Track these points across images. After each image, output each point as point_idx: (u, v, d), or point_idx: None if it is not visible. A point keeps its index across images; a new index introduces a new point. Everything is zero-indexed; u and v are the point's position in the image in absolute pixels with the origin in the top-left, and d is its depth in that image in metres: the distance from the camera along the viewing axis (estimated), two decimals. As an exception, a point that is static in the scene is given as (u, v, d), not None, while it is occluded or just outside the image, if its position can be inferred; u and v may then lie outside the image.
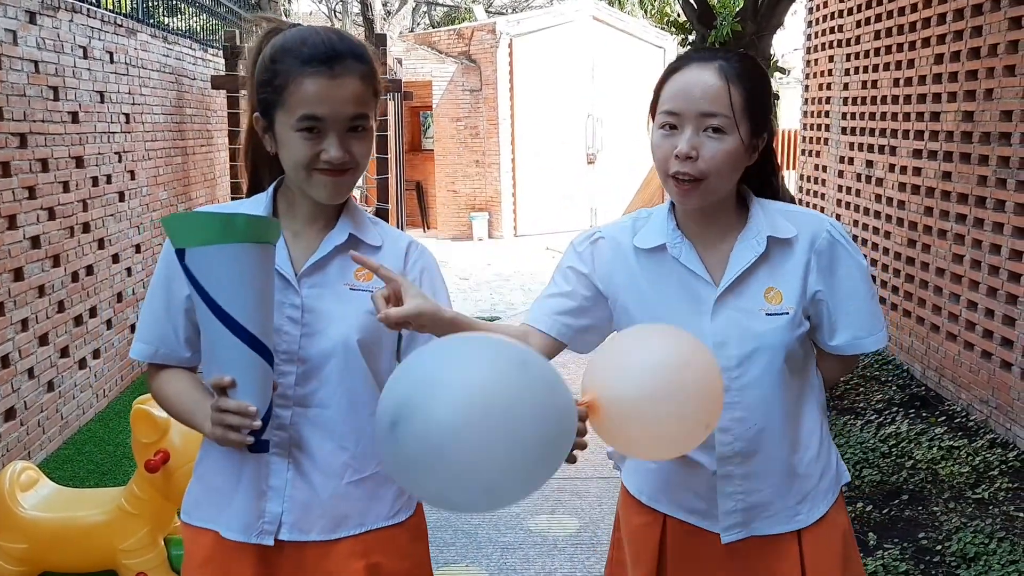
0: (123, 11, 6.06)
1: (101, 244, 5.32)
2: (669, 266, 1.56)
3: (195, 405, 1.48)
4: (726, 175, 1.48)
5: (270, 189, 1.56)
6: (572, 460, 1.26)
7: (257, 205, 1.55)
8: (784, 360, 1.52)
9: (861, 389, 5.27)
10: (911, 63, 5.59)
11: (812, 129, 7.68)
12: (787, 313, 1.51)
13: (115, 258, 5.54)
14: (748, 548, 1.58)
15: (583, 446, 1.29)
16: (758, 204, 1.58)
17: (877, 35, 6.16)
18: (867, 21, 6.34)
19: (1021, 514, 3.61)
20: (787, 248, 1.54)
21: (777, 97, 8.22)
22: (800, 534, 1.58)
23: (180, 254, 1.31)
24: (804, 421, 1.59)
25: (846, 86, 6.77)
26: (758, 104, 1.48)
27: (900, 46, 5.77)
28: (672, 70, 1.51)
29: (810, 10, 7.74)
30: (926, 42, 5.38)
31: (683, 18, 6.76)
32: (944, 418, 4.76)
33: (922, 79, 5.42)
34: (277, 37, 1.46)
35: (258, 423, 1.35)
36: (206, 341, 1.38)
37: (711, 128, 1.45)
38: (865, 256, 6.78)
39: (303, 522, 1.50)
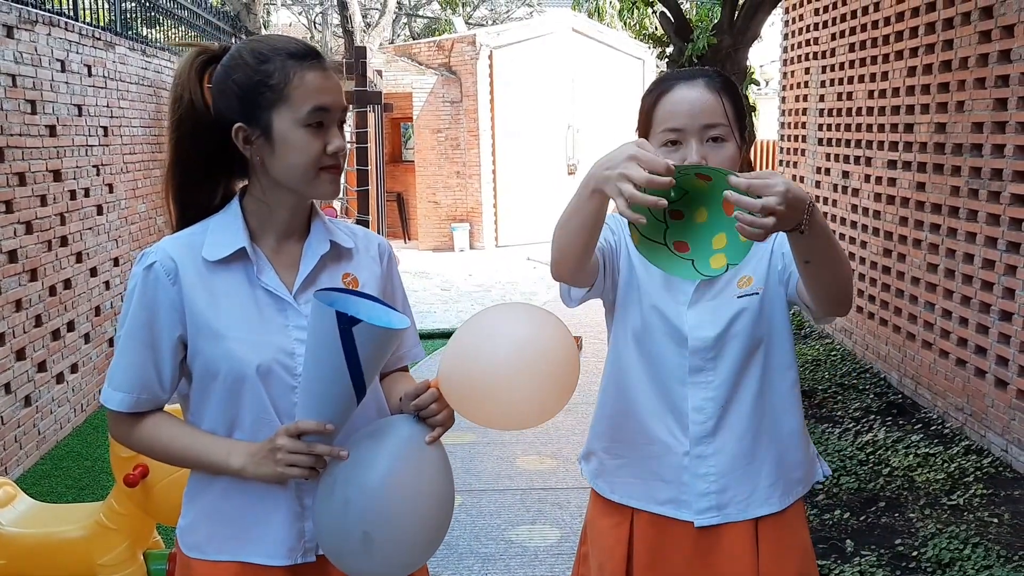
0: (101, 24, 6.04)
1: (79, 258, 5.29)
2: None
3: (208, 445, 1.44)
4: None
5: (236, 206, 1.48)
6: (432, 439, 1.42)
7: (232, 222, 1.46)
8: (754, 340, 1.60)
9: (839, 397, 5.32)
10: (885, 75, 5.68)
11: (789, 140, 7.76)
12: (757, 293, 1.61)
13: (93, 272, 5.51)
14: (715, 537, 1.62)
15: (439, 423, 1.42)
16: None
17: (852, 48, 6.25)
18: (842, 34, 6.43)
19: (995, 520, 3.66)
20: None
21: (754, 108, 8.31)
22: (757, 524, 1.63)
23: (349, 321, 1.29)
24: (773, 405, 1.64)
25: (822, 97, 6.86)
26: (742, 113, 1.60)
27: (875, 58, 5.85)
28: (660, 92, 1.60)
29: (786, 23, 7.85)
30: (899, 55, 5.46)
31: (661, 31, 6.82)
32: (920, 425, 4.82)
33: (896, 91, 5.50)
34: (243, 44, 1.43)
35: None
36: (318, 389, 1.36)
37: (713, 138, 1.56)
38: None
39: None
